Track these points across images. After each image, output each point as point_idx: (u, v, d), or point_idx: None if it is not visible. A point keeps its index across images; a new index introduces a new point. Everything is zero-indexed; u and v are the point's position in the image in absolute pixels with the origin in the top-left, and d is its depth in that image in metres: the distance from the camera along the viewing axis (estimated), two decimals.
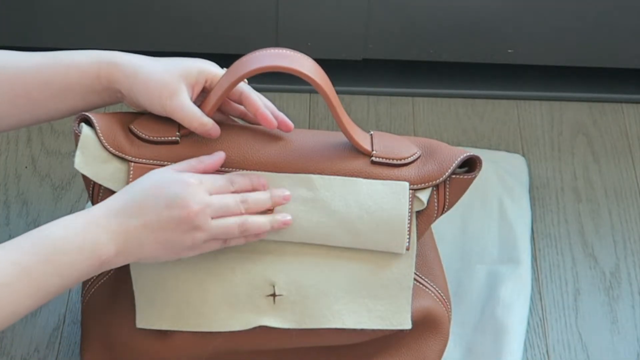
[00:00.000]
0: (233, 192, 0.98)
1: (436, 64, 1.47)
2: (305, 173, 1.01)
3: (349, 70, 1.42)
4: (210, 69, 1.02)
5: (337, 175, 1.01)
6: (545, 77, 1.48)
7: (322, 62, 1.29)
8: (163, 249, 0.95)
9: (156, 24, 1.40)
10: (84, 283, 1.08)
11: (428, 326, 1.06)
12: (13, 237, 1.27)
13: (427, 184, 1.01)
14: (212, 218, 0.95)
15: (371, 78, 1.48)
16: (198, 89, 1.01)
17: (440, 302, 1.07)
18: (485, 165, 1.34)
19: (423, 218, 1.03)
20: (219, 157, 1.00)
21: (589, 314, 1.23)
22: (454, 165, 1.02)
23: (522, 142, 1.41)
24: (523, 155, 1.39)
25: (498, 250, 1.26)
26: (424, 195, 1.01)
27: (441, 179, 1.01)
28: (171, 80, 0.98)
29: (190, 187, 0.94)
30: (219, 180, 0.98)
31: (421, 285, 1.06)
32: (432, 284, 1.07)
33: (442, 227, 1.23)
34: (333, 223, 1.00)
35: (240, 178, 0.99)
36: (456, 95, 1.46)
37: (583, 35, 1.41)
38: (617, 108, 1.46)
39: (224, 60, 1.16)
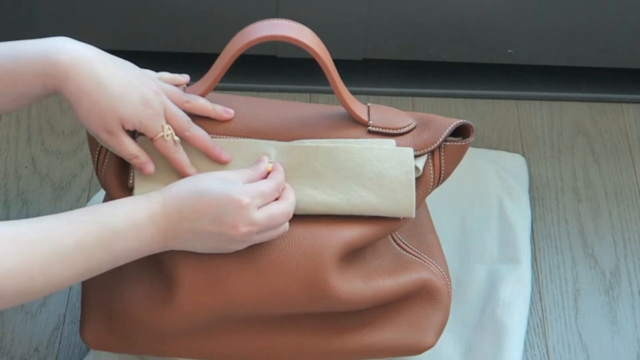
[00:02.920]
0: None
1: (436, 64, 1.47)
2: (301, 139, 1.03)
3: (349, 70, 1.42)
4: (147, 128, 0.99)
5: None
6: (545, 77, 1.48)
7: None
8: (202, 249, 0.99)
9: (156, 24, 1.40)
10: None
11: (427, 297, 1.08)
12: None
13: (422, 151, 1.04)
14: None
15: (371, 78, 1.48)
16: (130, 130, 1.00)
17: (439, 277, 1.08)
18: (485, 165, 1.35)
19: (420, 186, 1.04)
20: (266, 168, 1.01)
21: (589, 314, 1.24)
22: (447, 131, 1.04)
23: (522, 142, 1.41)
24: (523, 155, 1.39)
25: (498, 250, 1.26)
26: (419, 163, 1.03)
27: (435, 145, 1.04)
28: (110, 120, 0.97)
29: (242, 208, 0.96)
30: (268, 189, 0.99)
31: (420, 260, 1.08)
32: (431, 260, 1.09)
33: (442, 226, 1.22)
34: (329, 191, 1.02)
35: (281, 176, 1.01)
36: (456, 95, 1.46)
37: (583, 35, 1.41)
38: (617, 108, 1.46)
39: None
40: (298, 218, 1.03)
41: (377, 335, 1.07)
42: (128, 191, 1.02)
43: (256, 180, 0.99)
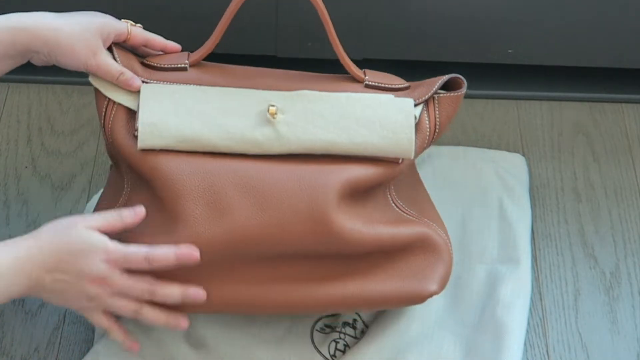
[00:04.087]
0: (151, 269, 1.02)
1: (436, 64, 1.47)
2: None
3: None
4: (115, 25, 1.08)
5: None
6: (545, 77, 1.48)
7: (323, 63, 1.29)
8: (63, 304, 1.03)
9: (156, 24, 1.40)
10: None
11: (429, 249, 1.11)
12: (13, 237, 1.28)
13: (416, 100, 1.10)
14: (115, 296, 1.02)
15: None
16: (107, 44, 1.08)
17: (440, 236, 1.12)
18: (485, 165, 1.35)
19: (417, 135, 1.10)
20: (138, 215, 1.03)
21: (589, 314, 1.23)
22: (439, 82, 1.12)
23: (522, 142, 1.41)
24: (523, 155, 1.39)
25: (498, 250, 1.26)
26: (415, 111, 1.10)
27: (429, 94, 1.11)
28: (91, 39, 1.04)
29: (103, 265, 1.00)
30: (135, 258, 1.01)
31: (420, 221, 1.12)
32: (432, 222, 1.13)
33: None
34: (331, 129, 1.07)
35: (161, 253, 1.01)
36: None
37: (583, 35, 1.41)
38: (617, 108, 1.46)
39: (224, 60, 1.16)
40: (301, 157, 1.07)
41: (380, 283, 1.09)
42: (134, 139, 1.05)
43: (117, 224, 1.02)
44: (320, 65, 1.25)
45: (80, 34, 1.03)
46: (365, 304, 1.10)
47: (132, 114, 1.07)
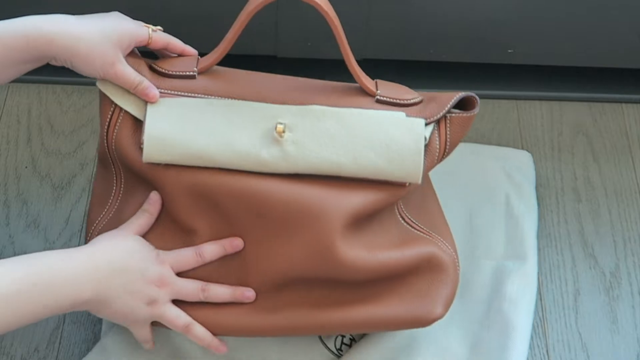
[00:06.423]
0: (203, 264, 1.06)
1: (436, 64, 1.47)
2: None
3: (349, 70, 1.42)
4: (136, 32, 1.07)
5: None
6: (545, 77, 1.48)
7: (322, 63, 1.29)
8: (122, 314, 1.04)
9: (155, 25, 1.40)
10: (89, 225, 1.11)
11: (434, 270, 1.09)
12: (13, 237, 1.28)
13: (428, 119, 1.07)
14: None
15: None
16: (127, 52, 1.07)
17: (447, 253, 1.10)
18: (492, 162, 1.35)
19: (426, 155, 1.07)
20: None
21: (589, 314, 1.23)
22: (452, 102, 1.07)
23: (522, 142, 1.41)
24: None
25: (504, 246, 1.26)
26: (426, 132, 1.07)
27: (441, 114, 1.07)
28: (110, 49, 1.03)
29: (158, 267, 1.04)
30: (186, 257, 1.06)
31: (427, 236, 1.10)
32: (439, 237, 1.11)
33: (449, 222, 1.22)
34: (339, 151, 1.05)
35: (209, 249, 1.06)
36: None
37: (583, 35, 1.41)
38: (617, 108, 1.46)
39: (224, 60, 1.16)
40: (306, 178, 1.05)
41: (384, 308, 1.08)
42: (140, 150, 1.05)
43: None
44: (320, 66, 1.25)
45: (100, 43, 1.02)
46: (370, 327, 1.10)
47: (138, 124, 1.06)
